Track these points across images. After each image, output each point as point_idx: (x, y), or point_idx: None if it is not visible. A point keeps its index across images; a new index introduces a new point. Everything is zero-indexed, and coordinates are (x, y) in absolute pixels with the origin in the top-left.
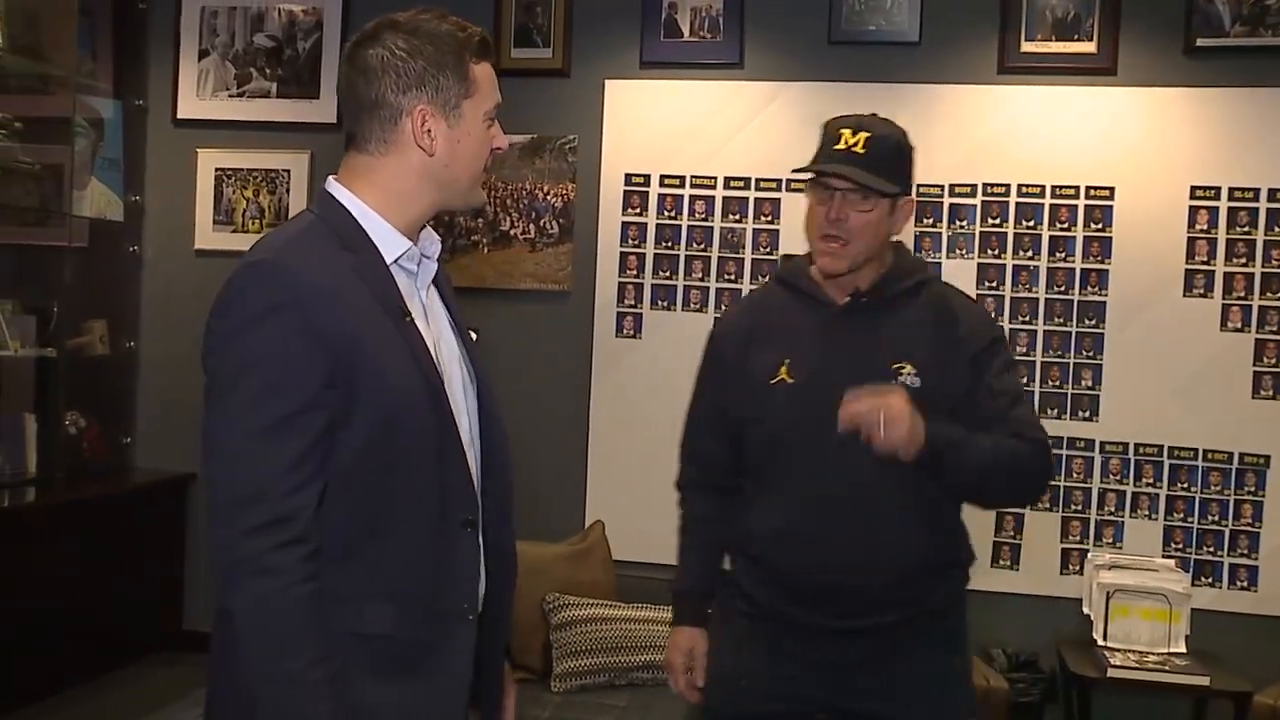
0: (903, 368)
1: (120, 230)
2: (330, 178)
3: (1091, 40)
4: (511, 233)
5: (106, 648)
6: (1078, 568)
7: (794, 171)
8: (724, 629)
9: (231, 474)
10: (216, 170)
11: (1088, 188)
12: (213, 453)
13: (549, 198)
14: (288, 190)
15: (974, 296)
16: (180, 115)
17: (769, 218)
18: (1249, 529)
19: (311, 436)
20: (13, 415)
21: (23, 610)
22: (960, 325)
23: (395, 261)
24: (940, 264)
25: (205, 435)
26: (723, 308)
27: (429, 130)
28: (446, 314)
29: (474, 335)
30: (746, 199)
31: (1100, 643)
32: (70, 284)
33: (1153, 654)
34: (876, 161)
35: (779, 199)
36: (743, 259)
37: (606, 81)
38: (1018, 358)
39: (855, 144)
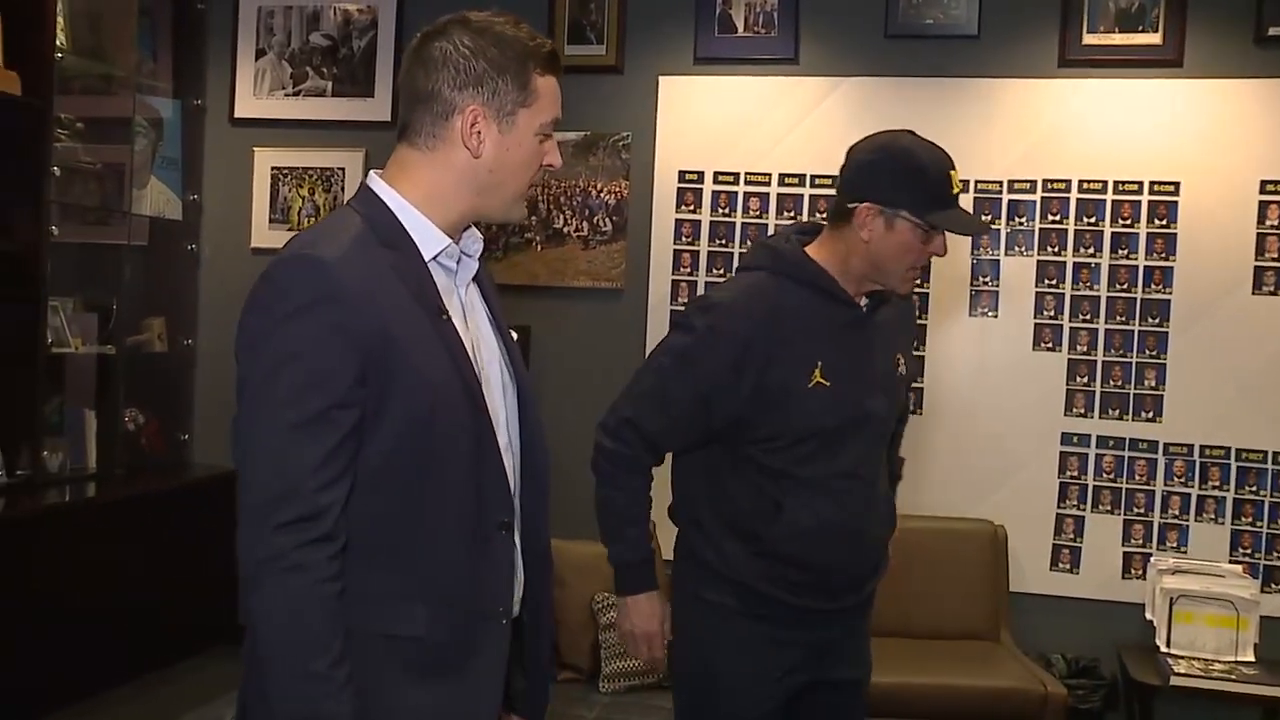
0: (898, 360)
1: (178, 229)
2: (373, 172)
3: (1157, 31)
4: (565, 230)
5: (165, 641)
6: (1140, 572)
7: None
8: (723, 631)
9: (265, 468)
10: (272, 169)
11: (1152, 183)
12: (247, 448)
13: (602, 195)
14: (343, 188)
15: (1033, 294)
16: (237, 114)
17: (824, 215)
18: None
19: (343, 433)
20: (74, 411)
21: (83, 604)
22: (911, 314)
23: (434, 259)
24: (998, 261)
25: (239, 430)
26: None
27: (478, 131)
28: (487, 314)
29: (515, 336)
30: (801, 196)
31: (1163, 649)
32: (129, 282)
33: (1219, 662)
34: None
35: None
36: None
37: (660, 78)
38: (1079, 357)
39: (959, 187)
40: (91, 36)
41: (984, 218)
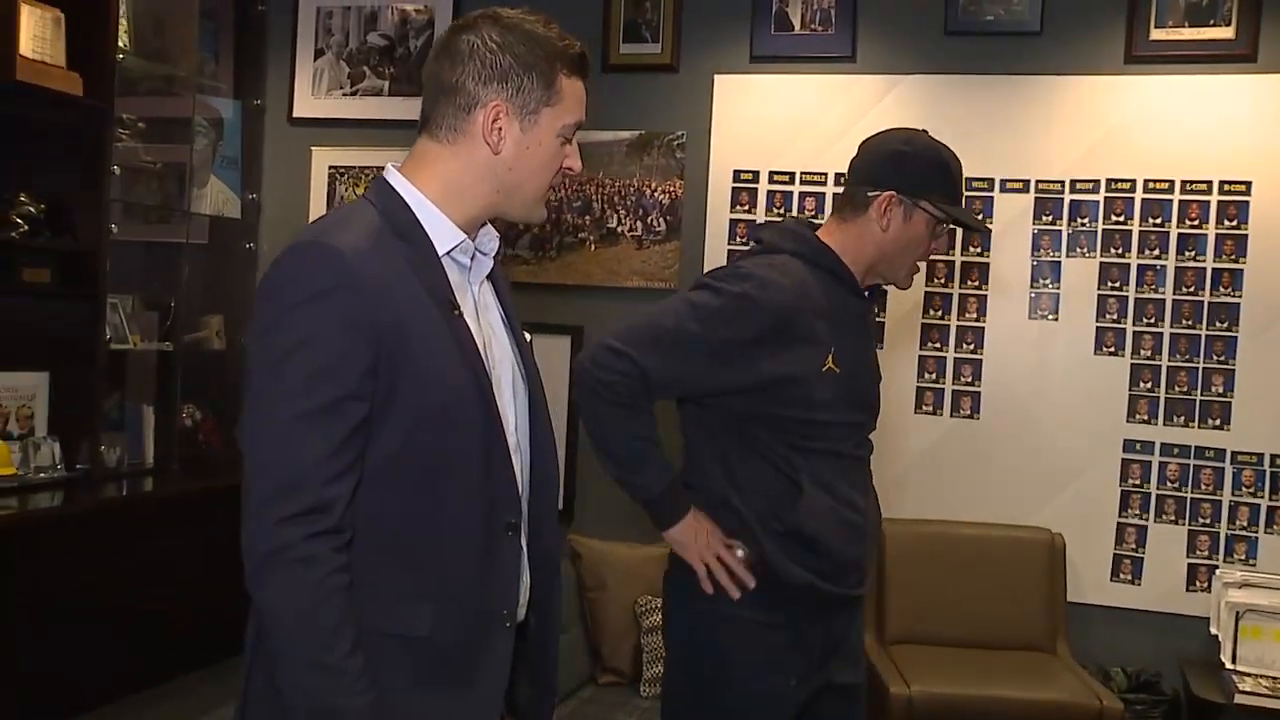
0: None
1: (237, 227)
2: (390, 165)
3: (1229, 25)
4: (618, 230)
5: (221, 636)
6: (1205, 585)
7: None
8: (742, 639)
9: (272, 459)
10: (330, 168)
11: (1221, 182)
12: (255, 437)
13: (656, 194)
14: None
15: (1095, 297)
16: (296, 114)
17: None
18: None
19: (352, 424)
20: (133, 406)
21: (140, 598)
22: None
23: (448, 254)
24: (1059, 263)
25: (247, 419)
26: None
27: (499, 128)
28: (501, 313)
29: (527, 336)
30: None
31: (1228, 666)
32: (189, 280)
33: None
34: None
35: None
36: None
37: (716, 76)
38: (1143, 362)
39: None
40: (154, 38)
41: (1044, 218)
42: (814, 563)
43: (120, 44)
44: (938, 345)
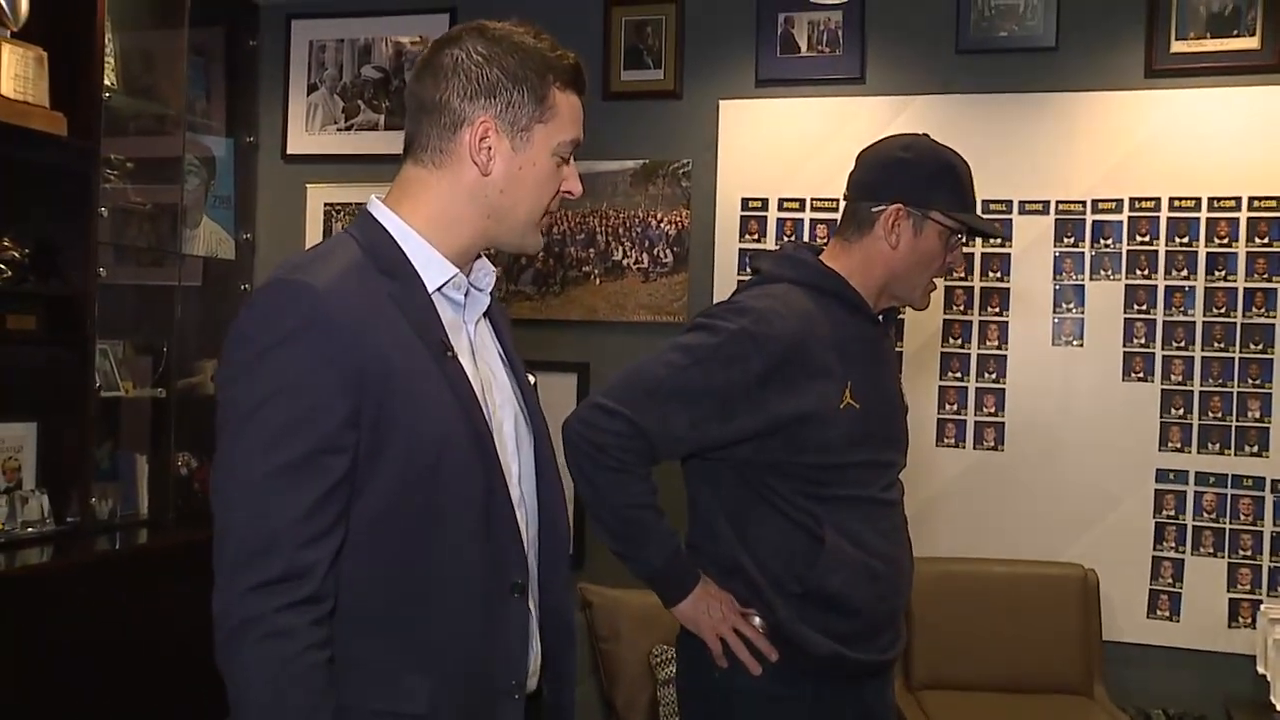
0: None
1: (232, 268)
2: (374, 196)
3: (1254, 35)
4: (624, 262)
5: (222, 696)
6: (1249, 620)
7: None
8: (773, 716)
9: (243, 520)
10: (325, 205)
11: (1251, 199)
12: (224, 495)
13: (662, 225)
14: None
15: (1121, 321)
16: (290, 150)
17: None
18: None
19: (331, 480)
20: (126, 455)
21: (135, 655)
22: (894, 339)
23: (439, 290)
24: (1083, 286)
25: (217, 475)
26: None
27: (488, 146)
28: (500, 354)
29: (532, 378)
30: None
31: (1279, 707)
32: (182, 323)
33: None
34: None
35: None
36: None
37: (721, 102)
38: (1174, 387)
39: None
40: (143, 76)
41: (1065, 240)
42: (840, 626)
43: (107, 82)
44: (958, 375)
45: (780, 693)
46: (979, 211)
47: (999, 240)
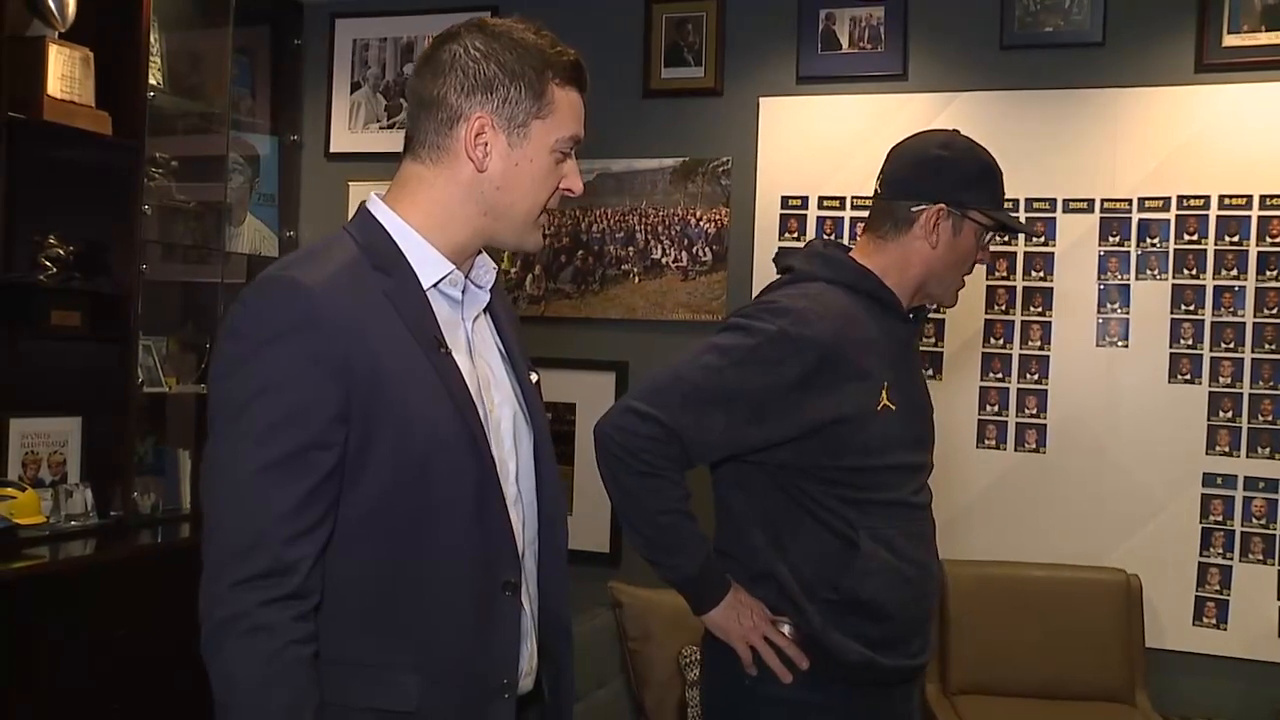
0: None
1: None
2: (372, 194)
3: None
4: (663, 261)
5: None
6: None
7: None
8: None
9: (230, 516)
10: None
11: None
12: (213, 491)
13: (701, 223)
14: None
15: (1168, 321)
16: (333, 149)
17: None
18: None
19: (319, 476)
20: (169, 451)
21: (178, 649)
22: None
23: (435, 287)
24: (1128, 286)
25: (206, 471)
26: None
27: (485, 142)
28: (502, 352)
29: (535, 377)
30: None
31: None
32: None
33: None
34: None
35: None
36: None
37: (761, 99)
38: (1222, 389)
39: None
40: (188, 75)
41: (1110, 238)
42: (872, 632)
43: (152, 81)
44: (1000, 375)
45: (809, 700)
46: (1021, 209)
47: (1042, 239)
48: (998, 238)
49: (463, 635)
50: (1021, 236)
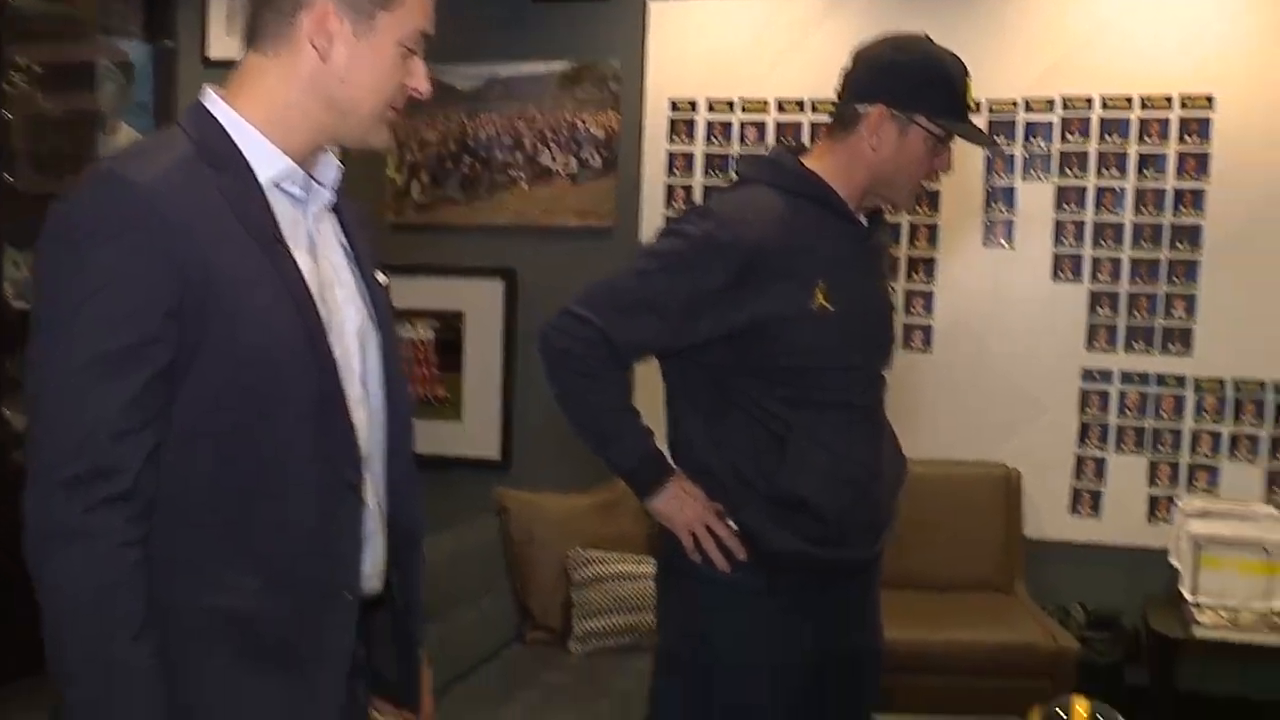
0: (890, 289)
1: None
2: (207, 86)
3: None
4: (551, 167)
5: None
6: (1168, 516)
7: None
8: (732, 613)
9: (57, 417)
10: None
11: (1183, 97)
12: (39, 391)
13: (590, 129)
14: None
15: (1052, 222)
16: (210, 55)
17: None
18: None
19: (149, 373)
20: None
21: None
22: (889, 243)
23: (274, 183)
24: (1014, 188)
25: (31, 372)
26: None
27: (328, 31)
28: (347, 250)
29: (384, 280)
30: (801, 123)
31: (1189, 598)
32: None
33: (1248, 611)
34: None
35: None
36: None
37: (649, 2)
38: (1102, 288)
39: (974, 98)
40: None
41: (997, 140)
42: (809, 528)
43: None
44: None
45: (749, 583)
46: (968, 116)
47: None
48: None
49: (302, 536)
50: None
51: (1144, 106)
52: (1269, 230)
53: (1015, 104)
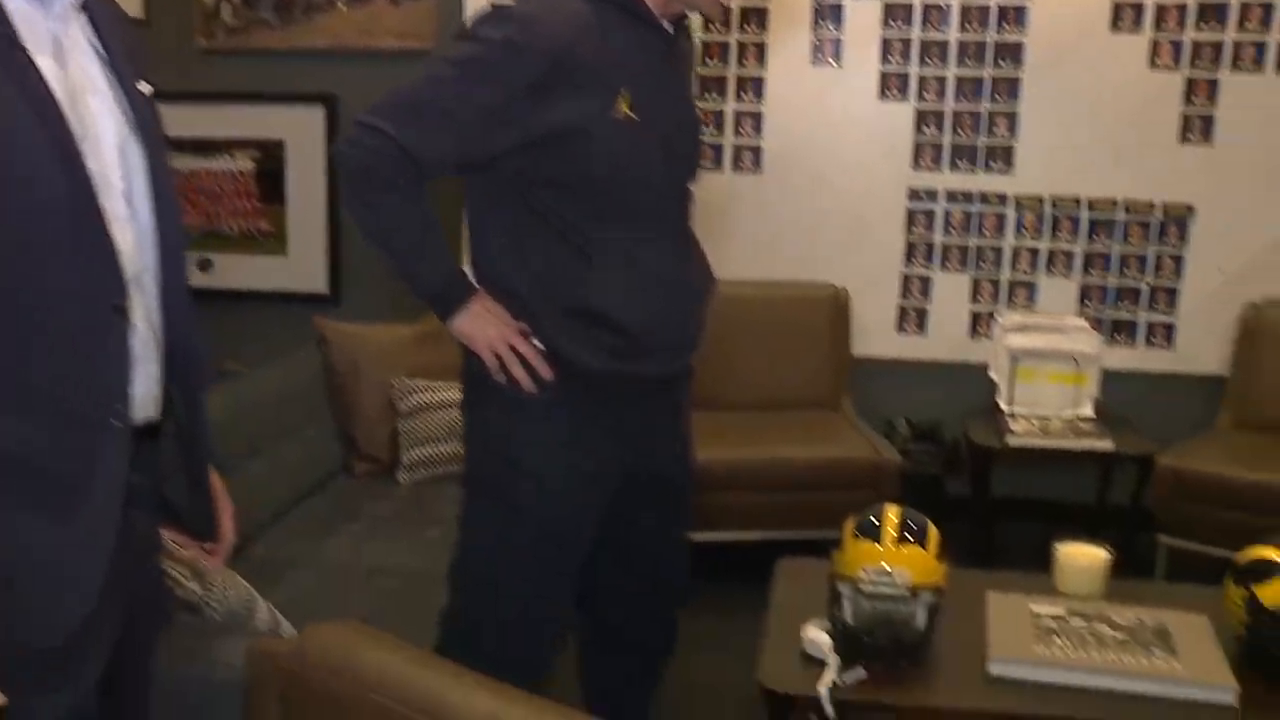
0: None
1: None
2: None
3: None
4: None
5: None
6: (988, 332)
7: None
8: (530, 424)
9: None
10: None
11: None
12: None
13: None
14: None
15: (879, 40)
16: None
17: None
18: (1169, 285)
19: None
20: None
21: None
22: (693, 55)
23: None
24: (841, 5)
25: None
26: None
27: None
28: (102, 56)
29: (147, 89)
30: None
31: (1005, 409)
32: None
33: (1057, 419)
34: None
35: None
36: None
37: None
38: (928, 107)
39: None
40: None
41: None
42: (613, 342)
43: None
44: (716, 97)
45: (557, 400)
46: None
47: None
48: None
49: (62, 363)
50: None
51: None
52: (1085, 47)
53: None
